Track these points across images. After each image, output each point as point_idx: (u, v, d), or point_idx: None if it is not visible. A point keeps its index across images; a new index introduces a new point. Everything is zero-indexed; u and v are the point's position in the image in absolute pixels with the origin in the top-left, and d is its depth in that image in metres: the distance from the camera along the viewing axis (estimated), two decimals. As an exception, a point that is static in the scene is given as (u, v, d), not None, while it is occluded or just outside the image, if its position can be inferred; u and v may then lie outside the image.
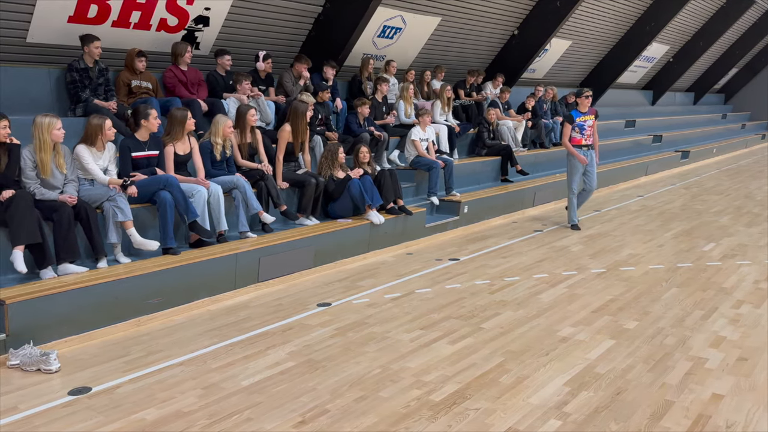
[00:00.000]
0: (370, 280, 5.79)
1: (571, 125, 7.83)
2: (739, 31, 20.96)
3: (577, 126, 7.83)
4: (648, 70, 18.55)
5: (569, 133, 7.85)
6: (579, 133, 7.88)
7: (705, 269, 6.06)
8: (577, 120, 7.85)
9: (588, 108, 7.93)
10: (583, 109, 7.90)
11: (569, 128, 7.84)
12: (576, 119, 7.85)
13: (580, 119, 7.86)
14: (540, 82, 12.98)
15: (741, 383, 3.59)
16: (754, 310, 4.87)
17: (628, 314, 4.79)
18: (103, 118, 5.13)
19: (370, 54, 9.80)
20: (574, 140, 7.86)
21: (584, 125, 7.84)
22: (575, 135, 7.87)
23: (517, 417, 3.23)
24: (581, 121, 7.85)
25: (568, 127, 7.86)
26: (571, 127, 7.82)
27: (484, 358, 3.98)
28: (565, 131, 7.88)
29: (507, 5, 11.23)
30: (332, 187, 6.64)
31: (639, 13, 14.95)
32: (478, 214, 8.27)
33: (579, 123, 7.83)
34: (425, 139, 8.41)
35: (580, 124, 7.83)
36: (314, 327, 4.56)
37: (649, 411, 3.27)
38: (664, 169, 13.98)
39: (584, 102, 7.89)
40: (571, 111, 8.04)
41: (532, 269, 6.13)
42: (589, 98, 7.94)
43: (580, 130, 7.84)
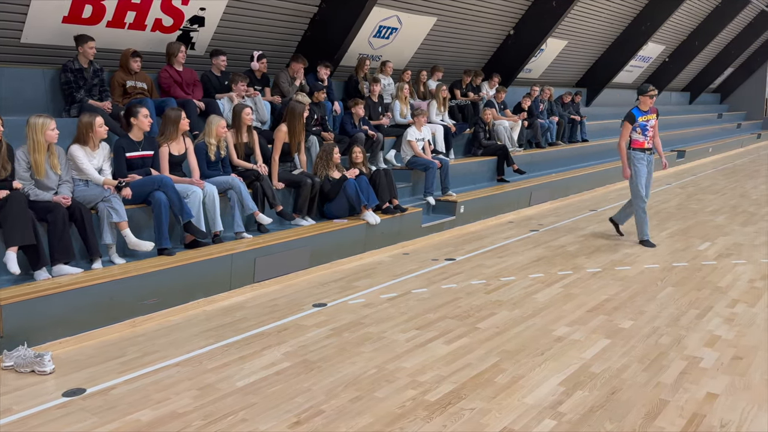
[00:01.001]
0: (366, 280, 5.79)
1: (631, 125, 6.91)
2: (734, 31, 21.03)
3: (639, 126, 6.88)
4: (644, 70, 18.60)
5: (627, 134, 6.96)
6: (641, 135, 6.90)
7: (700, 268, 6.08)
8: (640, 119, 6.88)
9: (649, 106, 6.97)
10: (645, 107, 6.94)
11: (629, 129, 6.93)
12: (638, 118, 6.89)
13: (642, 118, 6.89)
14: (536, 82, 13.00)
15: (736, 382, 3.59)
16: (749, 309, 4.88)
17: (623, 314, 4.80)
18: (93, 116, 5.09)
19: (366, 54, 9.80)
20: (635, 143, 6.94)
21: (647, 125, 6.90)
22: (636, 137, 6.92)
23: (512, 417, 3.23)
24: (644, 121, 6.88)
25: (627, 127, 6.94)
26: (632, 128, 6.92)
27: (479, 358, 3.98)
28: (623, 132, 6.96)
29: (503, 5, 11.25)
30: (328, 188, 6.63)
31: (635, 13, 14.99)
32: (475, 214, 8.28)
33: (642, 123, 6.87)
34: (421, 139, 8.41)
35: (642, 124, 6.87)
36: (310, 327, 4.56)
37: (643, 410, 3.28)
38: (659, 169, 13.97)
39: (647, 100, 6.90)
40: (632, 109, 7.06)
41: (528, 269, 6.14)
42: (653, 96, 6.93)
43: (642, 131, 6.89)
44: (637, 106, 6.99)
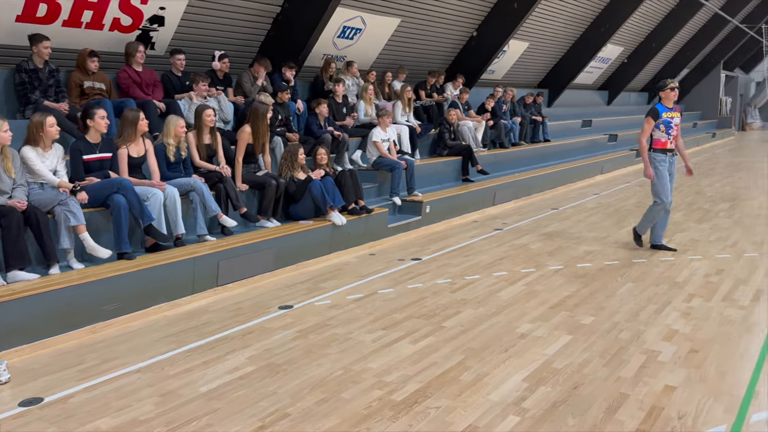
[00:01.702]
0: (332, 281, 5.78)
1: (654, 121, 6.34)
2: (689, 33, 21.68)
3: (663, 123, 6.33)
4: (603, 71, 19.02)
5: (649, 130, 6.39)
6: (665, 133, 6.35)
7: (658, 264, 6.24)
8: (664, 115, 6.32)
9: (673, 103, 6.43)
10: (669, 103, 6.39)
11: (651, 125, 6.35)
12: (662, 114, 6.33)
13: (667, 114, 6.34)
14: (499, 83, 13.17)
15: (692, 375, 3.70)
16: (705, 303, 5.03)
17: (584, 310, 4.90)
18: (44, 115, 4.94)
19: (331, 54, 9.78)
20: (657, 143, 6.39)
21: (671, 123, 6.34)
22: (659, 136, 6.37)
23: (477, 414, 3.26)
24: (668, 117, 6.33)
25: (650, 123, 6.35)
26: (654, 124, 6.35)
27: (445, 357, 4.01)
28: (645, 128, 6.39)
29: (466, 7, 11.36)
30: (293, 189, 6.59)
31: (594, 15, 15.32)
32: (440, 214, 8.34)
33: (666, 119, 6.32)
34: (386, 139, 8.43)
35: (666, 121, 6.32)
36: (275, 330, 4.52)
37: (604, 404, 3.35)
38: (619, 168, 14.35)
39: (669, 95, 6.37)
40: (656, 105, 6.50)
41: (493, 267, 6.21)
42: (675, 91, 6.38)
43: (666, 128, 6.34)
44: (661, 102, 6.45)
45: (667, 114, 6.35)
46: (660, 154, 6.40)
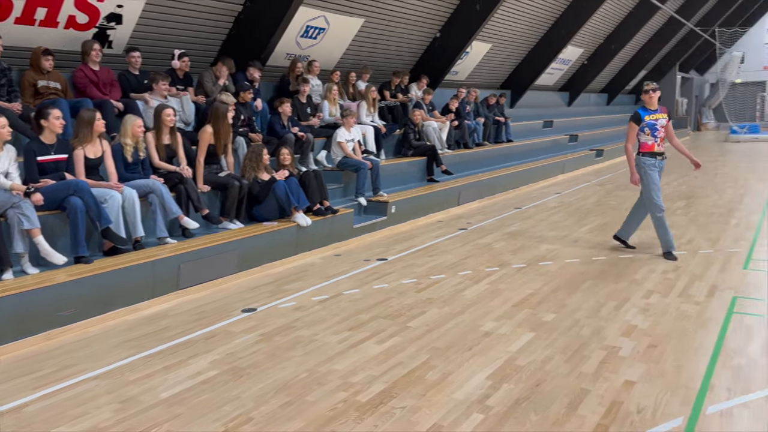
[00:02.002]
0: (297, 283, 5.73)
1: (637, 125, 6.31)
2: (646, 36, 22.27)
3: (647, 126, 6.26)
4: (564, 73, 19.38)
5: (633, 136, 6.38)
6: (650, 136, 6.27)
7: (617, 262, 6.39)
8: (646, 119, 6.26)
9: (658, 105, 6.38)
10: (651, 106, 6.34)
11: (634, 130, 6.33)
12: (644, 117, 6.28)
13: (650, 117, 6.28)
14: (462, 84, 13.29)
15: (651, 369, 3.79)
16: (663, 299, 5.17)
17: (546, 307, 4.97)
18: None
19: (294, 54, 9.71)
20: (644, 146, 6.34)
21: (656, 125, 6.27)
22: (645, 139, 6.31)
23: (441, 413, 3.28)
24: (652, 120, 6.26)
25: (633, 128, 6.34)
26: (639, 128, 6.33)
27: (410, 357, 4.02)
28: (629, 134, 6.39)
29: (429, 8, 11.43)
30: (257, 190, 6.52)
31: (555, 17, 15.59)
32: (406, 214, 8.36)
33: (649, 122, 6.25)
34: (351, 139, 8.42)
35: (650, 124, 6.25)
36: (238, 333, 4.46)
37: (566, 400, 3.41)
38: (580, 167, 14.64)
39: (650, 97, 6.31)
40: (638, 108, 6.48)
41: (457, 267, 6.26)
42: (656, 92, 6.32)
43: (651, 131, 6.27)
44: (643, 106, 6.44)
45: (650, 117, 6.29)
46: (649, 158, 6.32)
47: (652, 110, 6.35)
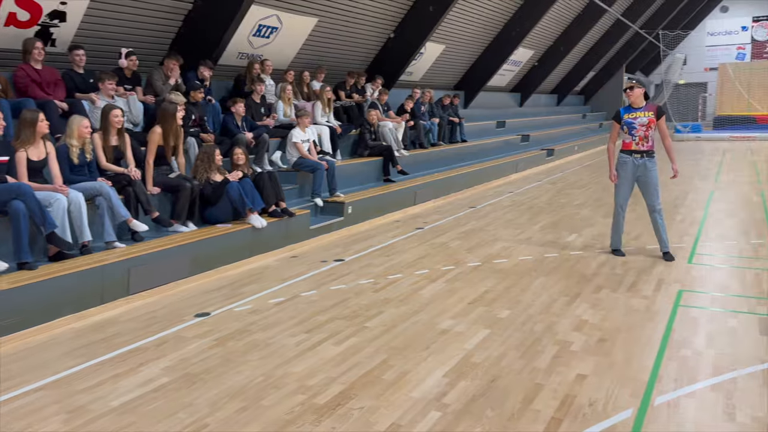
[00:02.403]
0: (252, 285, 5.65)
1: (618, 124, 6.37)
2: (594, 38, 22.89)
3: (625, 124, 6.27)
4: (515, 74, 19.73)
5: (614, 134, 6.53)
6: (628, 134, 6.28)
7: (568, 258, 6.54)
8: (625, 117, 6.28)
9: (645, 103, 6.29)
10: (633, 104, 6.28)
11: (616, 128, 6.46)
12: (623, 116, 6.30)
13: (629, 116, 6.27)
14: (417, 85, 13.37)
15: (601, 363, 3.89)
16: (612, 294, 5.32)
17: (501, 304, 5.05)
18: None
19: (246, 53, 9.58)
20: (623, 144, 6.36)
21: (634, 123, 6.22)
22: (623, 137, 6.34)
23: (399, 412, 3.28)
24: (630, 118, 6.25)
25: (614, 126, 6.46)
26: (619, 127, 6.39)
27: (368, 357, 4.01)
28: (611, 132, 6.56)
29: (382, 8, 11.45)
30: (209, 191, 6.40)
31: (506, 19, 15.85)
32: (363, 214, 8.36)
33: (627, 120, 6.26)
34: (306, 140, 8.36)
35: (628, 122, 6.25)
36: (192, 339, 4.37)
37: (521, 395, 3.46)
38: (532, 167, 14.94)
39: (632, 95, 6.24)
40: (621, 108, 6.49)
41: (414, 266, 6.29)
42: (633, 90, 6.25)
43: (629, 129, 6.26)
44: (628, 105, 6.41)
45: (629, 115, 6.28)
46: (624, 155, 6.35)
47: (634, 108, 6.30)
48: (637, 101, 6.27)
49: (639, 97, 6.26)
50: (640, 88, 6.29)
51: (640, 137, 6.25)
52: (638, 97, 6.25)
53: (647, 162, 6.28)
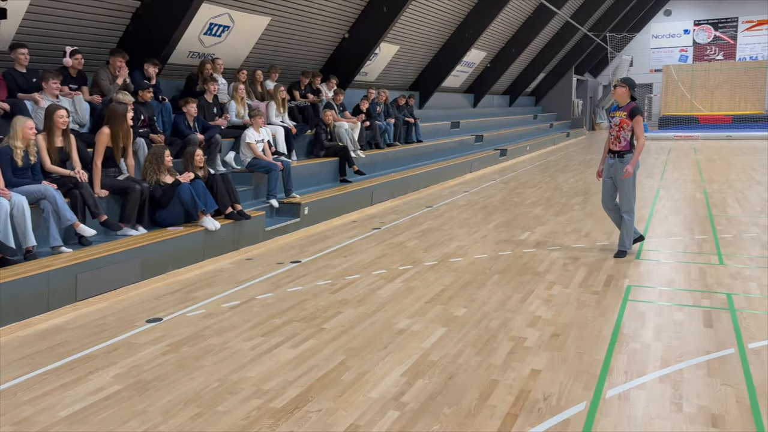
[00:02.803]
0: (206, 289, 5.54)
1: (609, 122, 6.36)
2: (544, 40, 23.41)
3: (609, 123, 6.35)
4: (469, 75, 20.00)
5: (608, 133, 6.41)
6: (609, 134, 6.33)
7: (522, 256, 6.66)
8: (610, 115, 6.38)
9: (627, 101, 6.21)
10: (620, 103, 6.27)
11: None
12: (611, 113, 6.36)
13: (611, 114, 6.33)
14: (372, 85, 13.40)
15: (555, 357, 3.98)
16: (564, 290, 5.44)
17: (457, 302, 5.10)
18: None
19: (197, 52, 9.40)
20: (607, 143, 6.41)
21: (611, 122, 6.29)
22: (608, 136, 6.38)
23: (357, 413, 3.28)
24: (611, 117, 6.33)
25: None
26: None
27: (325, 359, 3.99)
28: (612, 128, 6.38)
29: (336, 8, 11.42)
30: (159, 194, 6.24)
31: (459, 21, 16.05)
32: (319, 215, 8.31)
33: (610, 119, 6.33)
34: (260, 140, 8.25)
35: (610, 121, 6.33)
36: (143, 345, 4.25)
37: (477, 392, 3.51)
38: (486, 167, 15.16)
39: (614, 94, 6.28)
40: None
41: (372, 266, 6.29)
42: (615, 89, 6.24)
43: (609, 128, 6.34)
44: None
45: (612, 114, 6.31)
46: (608, 155, 6.37)
47: (617, 108, 6.28)
48: (619, 100, 6.24)
49: (621, 96, 6.21)
50: (623, 86, 6.21)
51: (613, 137, 6.27)
52: (620, 96, 6.21)
53: (617, 163, 6.27)
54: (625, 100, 6.24)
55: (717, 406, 3.29)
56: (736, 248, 6.81)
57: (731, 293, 5.22)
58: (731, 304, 4.94)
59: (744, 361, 3.83)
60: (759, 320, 4.56)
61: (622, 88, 6.23)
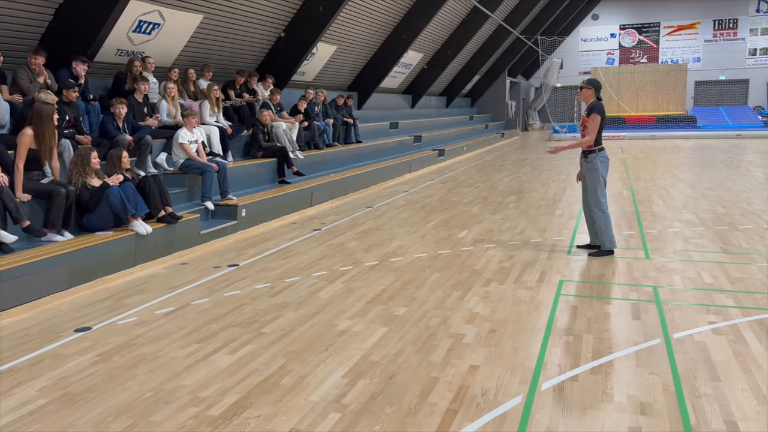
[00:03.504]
0: (138, 296, 5.35)
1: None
2: (479, 42, 23.91)
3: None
4: (406, 76, 20.18)
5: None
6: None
7: (460, 254, 6.78)
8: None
9: (590, 102, 6.37)
10: (585, 102, 6.43)
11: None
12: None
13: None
14: (310, 85, 13.29)
15: (492, 353, 4.06)
16: (500, 286, 5.57)
17: (398, 302, 5.13)
18: None
19: (126, 50, 9.06)
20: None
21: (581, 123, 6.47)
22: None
23: (298, 417, 3.24)
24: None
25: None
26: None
27: (265, 363, 3.92)
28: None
29: (272, 6, 11.27)
30: (87, 197, 5.97)
31: (396, 22, 16.16)
32: (258, 217, 8.17)
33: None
34: (194, 141, 8.04)
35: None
36: (71, 356, 4.05)
37: (418, 390, 3.54)
38: (425, 166, 15.34)
39: (580, 94, 6.41)
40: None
41: (312, 268, 6.24)
42: (585, 90, 6.34)
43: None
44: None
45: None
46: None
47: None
48: (584, 101, 6.40)
49: (585, 97, 6.36)
50: (588, 88, 6.34)
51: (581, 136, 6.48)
52: (585, 97, 6.37)
53: (583, 161, 6.49)
54: (590, 101, 6.38)
55: (645, 395, 3.44)
56: (660, 243, 7.17)
57: (657, 286, 5.49)
58: (657, 297, 5.19)
59: (669, 351, 4.03)
60: (683, 311, 4.81)
61: (588, 89, 6.36)
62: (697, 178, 12.89)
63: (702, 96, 34.27)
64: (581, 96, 6.44)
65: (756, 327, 4.42)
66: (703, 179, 12.72)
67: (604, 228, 6.49)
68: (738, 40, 33.87)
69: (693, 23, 34.39)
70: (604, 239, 6.53)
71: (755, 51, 33.67)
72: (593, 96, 6.38)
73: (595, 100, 6.36)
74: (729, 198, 10.24)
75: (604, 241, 6.53)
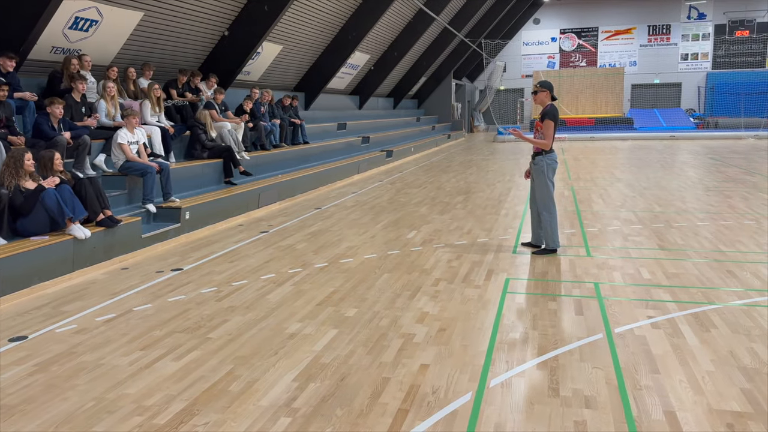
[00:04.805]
0: (77, 303, 5.13)
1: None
2: (424, 44, 24.15)
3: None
4: (354, 77, 20.17)
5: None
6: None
7: (409, 254, 6.83)
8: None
9: (545, 105, 6.43)
10: (540, 105, 6.50)
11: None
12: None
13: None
14: (256, 85, 13.10)
15: (442, 351, 4.11)
16: (449, 285, 5.64)
17: (348, 303, 5.12)
18: None
19: (62, 47, 8.69)
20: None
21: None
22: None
23: (247, 423, 3.18)
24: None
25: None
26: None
27: (212, 369, 3.84)
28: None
29: (215, 5, 11.05)
30: (20, 201, 5.70)
31: (342, 23, 16.13)
32: (202, 219, 7.99)
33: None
34: (134, 141, 7.79)
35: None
36: (6, 367, 3.85)
37: (369, 391, 3.54)
38: (373, 167, 15.38)
39: (535, 99, 6.48)
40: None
41: (260, 270, 6.15)
42: (540, 93, 6.40)
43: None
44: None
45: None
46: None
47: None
48: (539, 104, 6.45)
49: (540, 100, 6.41)
50: (543, 90, 6.39)
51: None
52: (540, 100, 6.42)
53: (532, 164, 6.62)
54: (545, 104, 6.44)
55: (589, 388, 3.55)
56: (601, 241, 7.42)
57: (598, 282, 5.68)
58: (598, 293, 5.37)
59: (611, 345, 4.18)
60: (623, 306, 5.00)
61: (543, 92, 6.40)
62: (635, 178, 13.42)
63: (638, 99, 35.71)
64: (537, 100, 6.47)
65: (692, 320, 4.64)
66: (640, 179, 13.25)
67: (550, 229, 6.66)
68: (671, 45, 35.47)
69: (629, 28, 35.80)
70: (549, 239, 6.71)
71: (687, 56, 35.36)
72: (548, 98, 6.44)
73: (549, 104, 6.44)
74: (664, 197, 10.71)
75: (549, 240, 6.71)
